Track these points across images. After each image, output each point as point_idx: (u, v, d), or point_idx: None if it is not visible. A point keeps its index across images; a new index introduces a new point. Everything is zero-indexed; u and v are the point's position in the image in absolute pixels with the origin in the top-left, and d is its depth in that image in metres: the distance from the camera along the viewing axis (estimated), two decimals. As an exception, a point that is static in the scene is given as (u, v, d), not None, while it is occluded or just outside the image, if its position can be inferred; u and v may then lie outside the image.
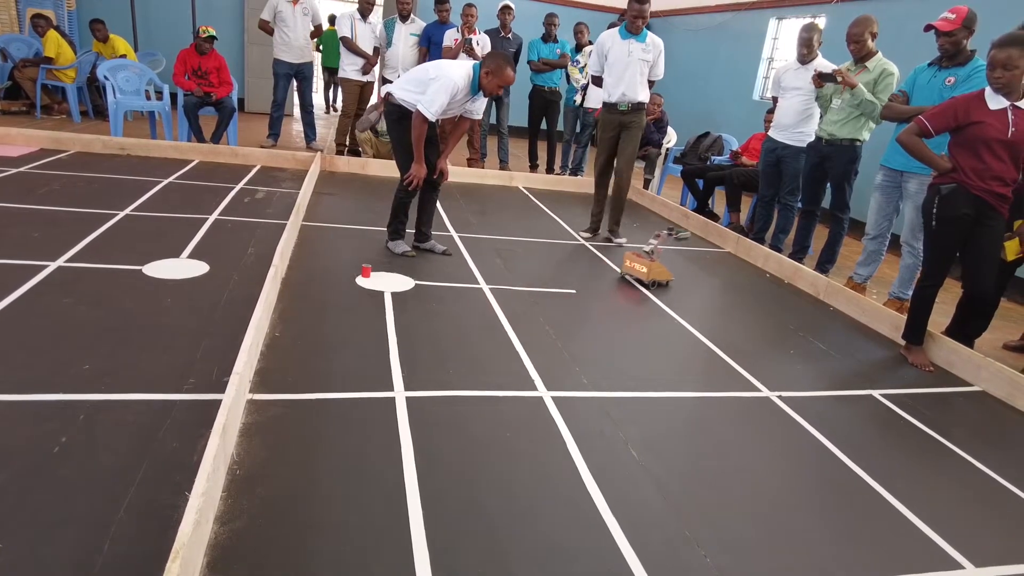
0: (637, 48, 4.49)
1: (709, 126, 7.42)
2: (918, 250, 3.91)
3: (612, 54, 4.55)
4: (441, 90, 3.49)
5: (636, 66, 4.50)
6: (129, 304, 2.77)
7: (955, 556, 1.86)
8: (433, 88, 3.50)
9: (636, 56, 4.49)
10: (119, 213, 3.97)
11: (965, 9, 3.57)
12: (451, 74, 3.53)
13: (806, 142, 4.72)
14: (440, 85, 3.49)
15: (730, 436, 2.38)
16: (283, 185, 5.28)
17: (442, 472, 1.92)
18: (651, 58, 4.54)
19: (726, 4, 8.76)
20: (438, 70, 3.59)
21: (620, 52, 4.51)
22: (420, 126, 3.57)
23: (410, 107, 3.61)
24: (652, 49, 4.53)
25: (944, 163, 3.09)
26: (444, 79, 3.50)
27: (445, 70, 3.57)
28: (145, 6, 8.88)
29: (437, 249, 4.02)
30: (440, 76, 3.52)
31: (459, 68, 3.61)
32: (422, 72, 3.67)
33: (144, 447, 1.85)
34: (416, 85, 3.62)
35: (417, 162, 3.70)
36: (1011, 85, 2.89)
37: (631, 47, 4.49)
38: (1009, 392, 2.97)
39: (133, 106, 6.67)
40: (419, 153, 3.68)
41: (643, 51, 4.50)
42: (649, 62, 4.54)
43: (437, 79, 3.52)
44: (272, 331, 2.67)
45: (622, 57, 4.51)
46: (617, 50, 4.52)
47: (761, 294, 4.12)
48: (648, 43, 4.51)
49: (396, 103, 3.68)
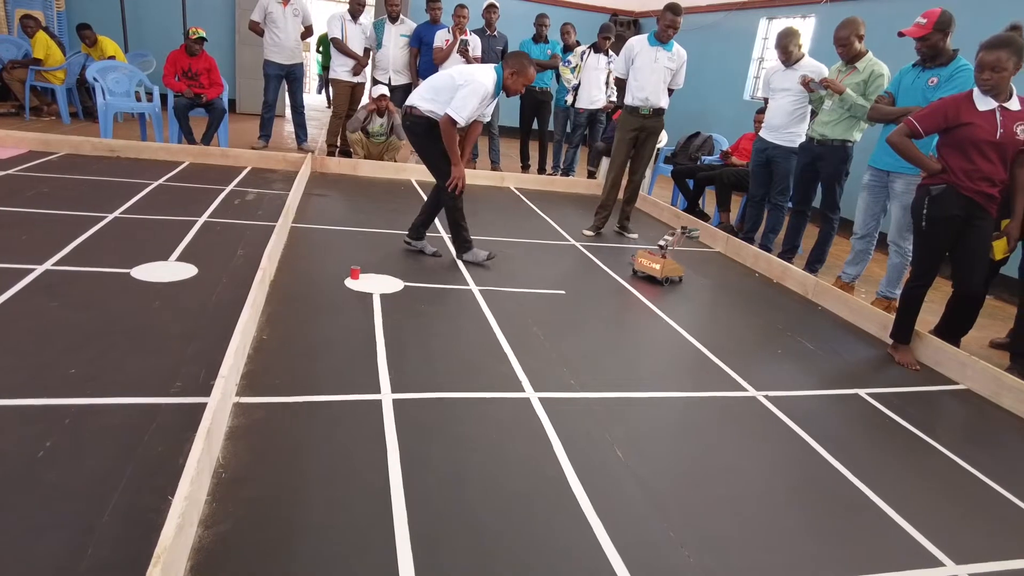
0: (664, 56, 4.69)
1: (700, 126, 7.44)
2: (905, 249, 3.94)
3: (639, 59, 4.72)
4: (472, 95, 3.51)
5: (661, 73, 4.71)
6: (116, 307, 2.77)
7: (936, 553, 1.88)
8: (463, 93, 3.51)
9: (662, 63, 4.69)
10: (108, 216, 3.96)
11: (937, 12, 3.60)
12: (479, 79, 3.55)
13: (796, 143, 4.75)
14: (470, 90, 3.51)
15: (715, 436, 2.40)
16: (274, 186, 5.28)
17: (427, 474, 1.93)
18: (675, 67, 4.75)
19: (717, 4, 8.79)
20: (464, 76, 3.59)
21: (647, 58, 4.69)
22: (451, 131, 3.58)
23: (437, 118, 3.62)
24: (677, 59, 4.75)
25: (933, 164, 3.12)
26: (474, 84, 3.52)
27: (472, 75, 3.58)
28: (135, 7, 8.85)
29: (428, 250, 4.03)
30: (469, 81, 3.53)
31: (484, 72, 3.63)
32: (445, 79, 3.67)
33: (129, 451, 1.86)
34: (439, 93, 3.63)
35: (456, 164, 3.71)
36: (999, 87, 2.92)
37: (658, 54, 4.68)
38: (994, 390, 3.00)
39: (123, 108, 6.66)
40: (456, 156, 3.69)
41: (669, 59, 4.71)
42: (673, 70, 4.76)
43: (466, 84, 3.53)
44: (260, 334, 2.67)
45: (648, 63, 4.69)
46: (644, 56, 4.70)
47: (750, 294, 4.14)
48: (674, 52, 4.73)
49: (423, 115, 3.67)
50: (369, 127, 6.43)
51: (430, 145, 3.75)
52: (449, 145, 3.64)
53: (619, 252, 4.65)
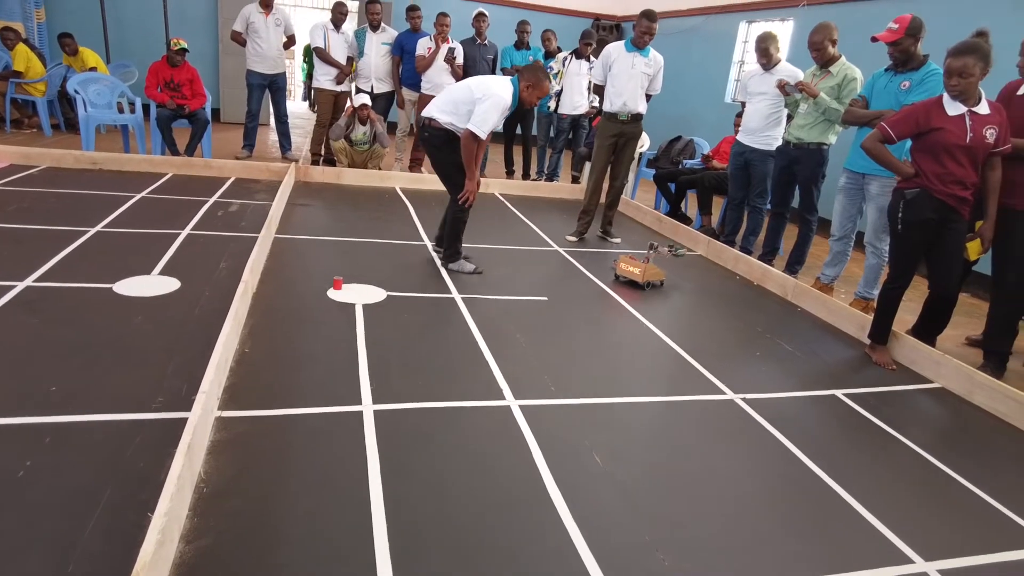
0: (641, 62, 4.75)
1: (681, 129, 7.51)
2: (881, 250, 4.01)
3: (616, 66, 4.78)
4: (492, 108, 3.59)
5: (638, 79, 4.76)
6: (98, 323, 2.78)
7: (906, 551, 1.93)
8: (484, 108, 3.58)
9: (639, 69, 4.75)
10: (90, 230, 3.96)
11: (908, 17, 3.70)
12: (498, 92, 3.62)
13: (774, 146, 4.82)
14: (491, 104, 3.58)
15: (693, 440, 2.44)
16: (257, 197, 5.29)
17: (408, 484, 1.96)
18: (652, 72, 4.81)
19: (697, 8, 8.88)
20: (482, 89, 3.65)
21: (624, 64, 4.75)
22: (473, 146, 3.67)
23: (457, 131, 3.71)
24: (654, 64, 4.82)
25: (906, 168, 3.18)
26: (494, 98, 3.59)
27: (491, 88, 3.64)
28: (117, 17, 8.83)
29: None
30: (488, 95, 3.60)
31: (502, 85, 3.69)
32: (463, 92, 3.72)
33: (111, 467, 1.87)
34: (458, 106, 3.70)
35: (471, 179, 3.79)
36: (967, 92, 2.98)
37: (635, 60, 4.74)
38: (967, 388, 3.06)
39: (105, 119, 6.64)
40: (472, 170, 3.77)
41: (646, 65, 4.77)
42: (650, 76, 4.82)
43: (485, 98, 3.59)
44: (242, 347, 2.69)
45: (626, 69, 4.74)
46: (621, 62, 4.76)
47: (731, 296, 4.20)
48: (651, 58, 4.80)
49: (441, 127, 3.74)
50: (352, 135, 6.45)
51: (446, 157, 3.83)
52: (468, 160, 3.73)
53: (602, 257, 4.70)
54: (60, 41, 7.43)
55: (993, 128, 3.00)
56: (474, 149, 3.69)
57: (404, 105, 6.92)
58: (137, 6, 8.95)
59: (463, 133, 3.65)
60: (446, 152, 3.82)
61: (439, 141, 3.80)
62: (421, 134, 3.91)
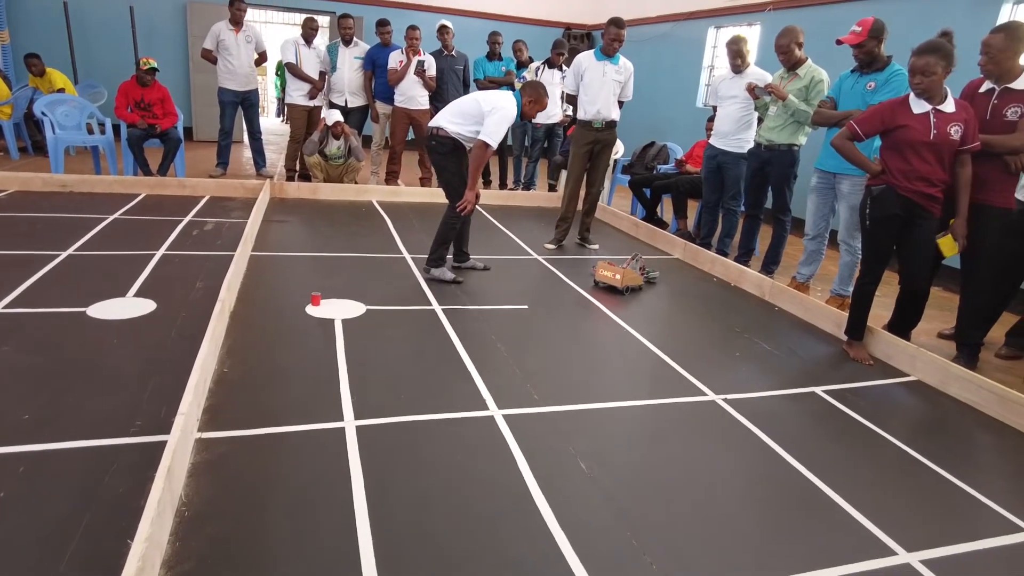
0: (611, 70, 4.82)
1: (655, 135, 7.59)
2: (855, 248, 4.07)
3: (588, 75, 4.85)
4: (502, 120, 3.79)
5: (610, 86, 4.83)
6: (72, 348, 2.73)
7: (888, 543, 1.95)
8: (494, 120, 3.78)
9: (610, 77, 4.82)
10: (61, 253, 3.90)
11: (871, 20, 3.79)
12: (505, 105, 3.82)
13: (746, 148, 4.88)
14: (500, 116, 3.78)
15: (677, 442, 2.45)
16: (232, 215, 5.24)
17: (392, 499, 1.95)
18: (623, 79, 4.89)
19: (667, 15, 8.99)
20: (490, 103, 3.84)
21: (595, 73, 4.82)
22: (484, 156, 3.83)
23: (463, 140, 3.90)
24: (624, 71, 4.89)
25: (874, 166, 3.25)
26: (502, 110, 3.79)
27: (499, 102, 3.83)
28: (84, 37, 8.72)
29: (478, 266, 4.27)
30: (496, 108, 3.80)
31: (507, 99, 3.89)
32: (471, 105, 3.91)
33: (89, 495, 1.84)
34: (465, 118, 3.88)
35: (471, 188, 3.92)
36: (931, 90, 3.05)
37: (606, 68, 4.81)
38: (942, 380, 3.12)
39: (74, 141, 6.55)
40: (475, 180, 3.93)
41: (616, 72, 4.84)
42: (621, 83, 4.89)
43: (495, 111, 3.79)
44: (220, 367, 2.66)
45: (597, 77, 4.81)
46: (593, 71, 4.83)
47: (709, 298, 4.24)
48: (621, 65, 4.86)
49: (449, 136, 3.89)
50: (326, 150, 6.42)
51: (450, 165, 3.97)
52: (475, 169, 3.89)
53: (581, 264, 4.72)
54: (26, 62, 7.33)
55: (958, 125, 3.06)
56: (484, 158, 3.86)
57: (378, 118, 6.93)
58: (104, 25, 8.86)
59: (476, 143, 3.82)
60: (450, 160, 3.96)
61: (446, 149, 3.94)
62: (428, 142, 4.04)
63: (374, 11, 9.18)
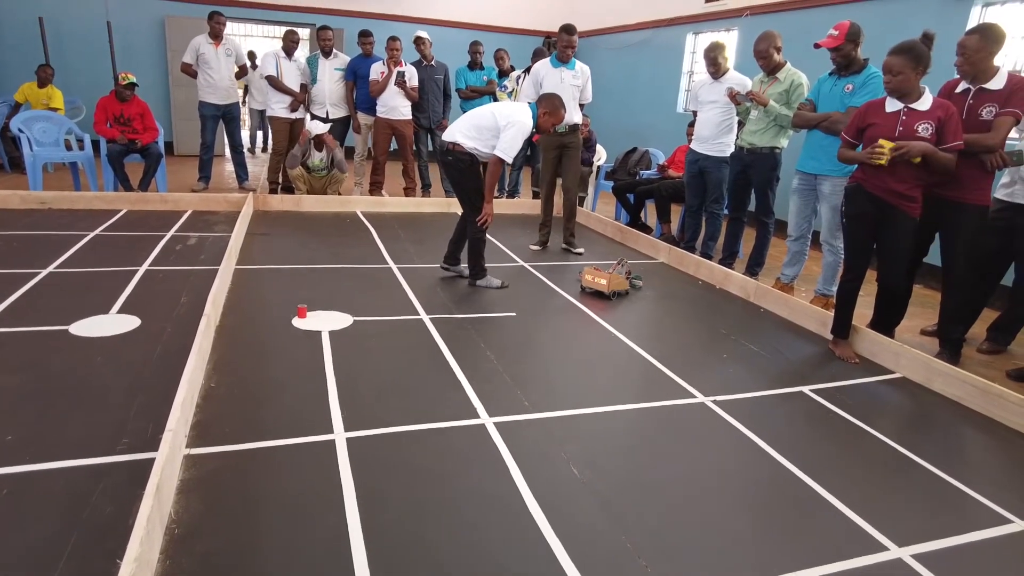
0: (568, 75, 4.92)
1: (636, 141, 7.64)
2: (837, 248, 4.12)
3: (546, 82, 4.93)
4: (518, 135, 3.82)
5: (569, 91, 4.89)
6: (55, 367, 2.69)
7: (880, 539, 1.97)
8: (510, 134, 3.80)
9: (568, 82, 4.92)
10: (42, 271, 3.84)
11: (847, 24, 3.86)
12: (521, 119, 3.83)
13: (726, 152, 4.93)
14: (516, 131, 3.80)
15: (668, 445, 2.46)
16: (216, 229, 5.20)
17: (385, 511, 1.93)
18: (581, 83, 4.99)
19: (646, 22, 9.08)
20: (506, 117, 3.84)
21: (553, 80, 4.91)
22: (498, 170, 3.91)
23: (480, 155, 3.92)
24: (581, 75, 5.00)
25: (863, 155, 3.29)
26: (518, 124, 3.81)
27: (514, 116, 3.84)
28: (60, 52, 8.63)
29: (465, 273, 4.26)
30: (512, 122, 3.81)
31: (523, 112, 3.90)
32: (487, 119, 3.90)
33: (75, 515, 1.81)
34: (481, 132, 3.89)
35: (488, 202, 3.96)
36: (901, 89, 3.10)
37: (563, 75, 4.91)
38: (926, 376, 3.16)
39: (52, 158, 6.48)
40: (491, 194, 3.97)
41: (573, 77, 4.95)
42: (579, 87, 4.99)
43: (510, 125, 3.80)
44: (207, 382, 2.63)
45: (555, 84, 4.88)
46: (550, 78, 4.92)
47: (694, 301, 4.26)
48: (577, 70, 4.97)
49: (466, 152, 3.91)
50: (309, 162, 6.40)
51: (467, 180, 4.01)
52: (491, 183, 3.93)
53: (567, 269, 4.73)
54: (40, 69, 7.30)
55: (927, 123, 3.07)
56: (499, 172, 3.93)
57: (360, 129, 6.93)
58: (81, 40, 8.78)
59: (492, 159, 3.84)
60: (468, 176, 4.00)
61: (463, 165, 3.96)
62: (444, 158, 4.04)
63: (354, 23, 9.18)
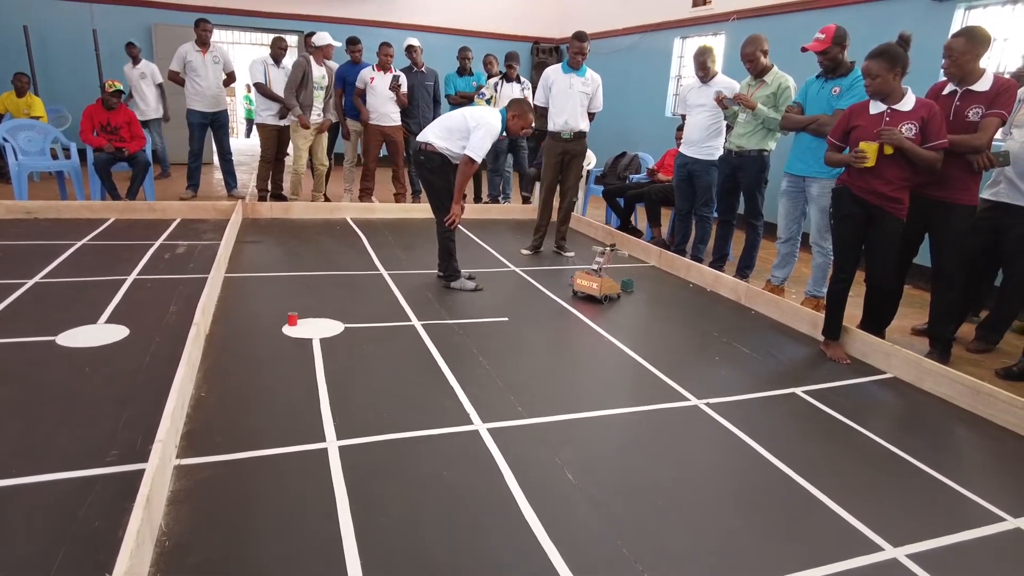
0: (577, 82, 4.92)
1: (626, 145, 7.67)
2: (827, 249, 4.14)
3: (555, 87, 4.95)
4: (487, 136, 3.89)
5: (577, 98, 4.92)
6: (42, 378, 2.66)
7: (876, 540, 1.97)
8: (479, 135, 3.87)
9: (576, 89, 4.92)
10: (27, 282, 3.80)
11: (833, 27, 3.89)
12: (490, 121, 3.92)
13: (715, 155, 4.95)
14: (485, 131, 3.88)
15: (662, 448, 2.46)
16: (204, 237, 5.16)
17: (379, 519, 1.92)
18: (590, 91, 4.98)
19: (634, 27, 9.12)
20: (475, 118, 3.94)
21: (562, 85, 4.93)
22: (469, 169, 3.95)
23: (450, 156, 3.99)
24: (591, 83, 4.98)
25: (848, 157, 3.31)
26: (487, 126, 3.89)
27: (484, 118, 3.93)
28: (46, 61, 8.58)
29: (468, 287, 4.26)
30: (481, 124, 3.89)
31: (493, 114, 4.01)
32: (458, 120, 3.99)
33: (63, 529, 1.78)
34: (452, 133, 3.97)
35: (456, 202, 4.04)
36: (881, 91, 3.14)
37: (572, 81, 4.91)
38: (917, 376, 3.17)
39: (38, 167, 6.42)
40: (460, 194, 4.04)
41: (583, 84, 4.94)
42: (589, 95, 4.99)
43: (480, 127, 3.88)
44: (197, 391, 2.60)
45: (564, 89, 4.91)
46: (560, 83, 4.94)
47: (686, 304, 4.27)
48: (587, 77, 4.96)
49: (437, 151, 3.99)
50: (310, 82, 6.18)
51: (438, 180, 4.07)
52: (461, 183, 4.00)
53: (558, 274, 4.73)
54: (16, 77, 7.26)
55: (911, 123, 3.10)
56: (470, 172, 3.96)
57: (350, 136, 6.91)
58: (67, 48, 8.73)
59: (462, 158, 3.91)
60: (438, 176, 4.06)
61: (433, 165, 4.03)
62: (417, 158, 4.11)
63: (343, 29, 9.16)
